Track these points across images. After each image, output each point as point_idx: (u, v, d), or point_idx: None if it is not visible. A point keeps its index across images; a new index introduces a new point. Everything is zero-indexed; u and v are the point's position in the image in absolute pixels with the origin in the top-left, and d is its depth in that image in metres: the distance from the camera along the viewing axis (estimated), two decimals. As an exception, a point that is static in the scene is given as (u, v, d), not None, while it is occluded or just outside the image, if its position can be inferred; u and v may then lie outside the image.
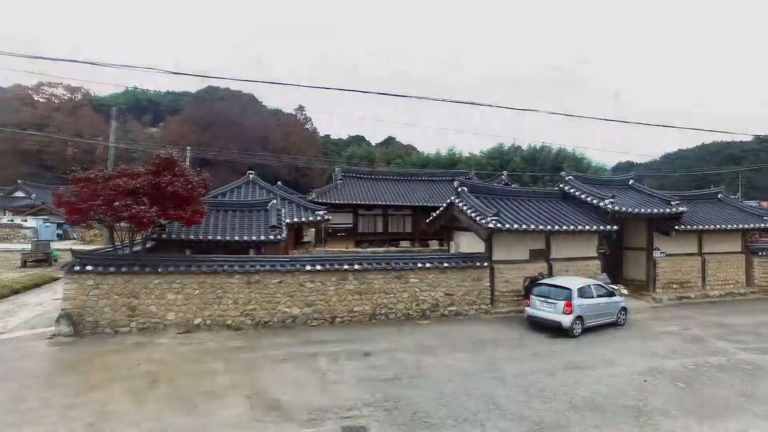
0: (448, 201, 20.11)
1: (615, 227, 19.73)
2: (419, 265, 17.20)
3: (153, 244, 17.29)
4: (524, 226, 17.98)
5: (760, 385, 11.12)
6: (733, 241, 23.94)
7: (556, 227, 18.59)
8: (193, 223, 15.74)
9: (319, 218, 20.74)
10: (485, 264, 18.13)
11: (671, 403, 9.88)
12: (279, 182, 33.21)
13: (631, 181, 24.41)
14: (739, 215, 24.11)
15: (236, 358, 12.34)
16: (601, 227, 19.44)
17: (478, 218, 17.74)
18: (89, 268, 14.30)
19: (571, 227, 18.80)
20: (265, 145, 65.13)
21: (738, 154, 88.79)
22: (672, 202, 21.14)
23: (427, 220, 22.51)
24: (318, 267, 16.15)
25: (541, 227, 18.33)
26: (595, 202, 20.25)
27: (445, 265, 17.56)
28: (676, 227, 21.17)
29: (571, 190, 21.68)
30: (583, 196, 20.98)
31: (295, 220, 20.22)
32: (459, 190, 19.71)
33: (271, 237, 17.21)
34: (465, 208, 18.64)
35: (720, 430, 8.79)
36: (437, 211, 21.37)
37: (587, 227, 19.13)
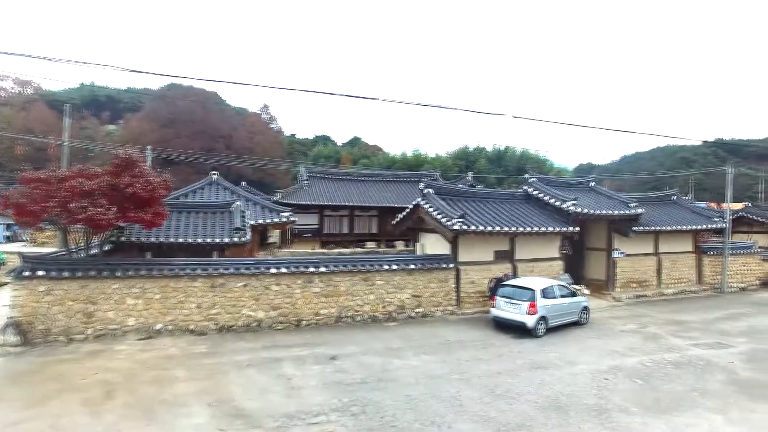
0: (414, 203, 20.20)
1: (577, 228, 20.28)
2: (385, 267, 17.20)
3: (111, 247, 16.63)
4: (489, 228, 18.25)
5: (711, 380, 11.66)
6: (685, 242, 25.06)
7: (521, 229, 18.95)
8: (154, 225, 15.23)
9: (284, 219, 20.41)
10: (451, 265, 18.30)
11: (630, 401, 10.21)
12: (243, 182, 32.76)
13: (592, 183, 25.16)
14: (690, 216, 25.27)
15: (199, 364, 12.01)
16: (564, 229, 19.93)
17: (443, 220, 17.89)
18: (40, 273, 13.60)
19: (535, 229, 19.20)
20: (230, 145, 63.89)
21: (690, 157, 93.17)
22: (630, 204, 21.92)
23: (394, 222, 22.53)
24: (283, 269, 15.92)
25: (505, 229, 18.64)
26: (557, 204, 20.74)
27: (411, 266, 17.62)
28: (634, 228, 21.97)
29: (535, 192, 22.15)
30: (546, 198, 21.46)
31: (260, 221, 19.82)
32: (425, 192, 19.82)
33: (236, 239, 16.86)
34: (431, 209, 18.76)
35: (675, 425, 9.13)
36: (403, 213, 21.42)
37: (550, 229, 19.58)
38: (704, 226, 24.86)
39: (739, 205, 33.97)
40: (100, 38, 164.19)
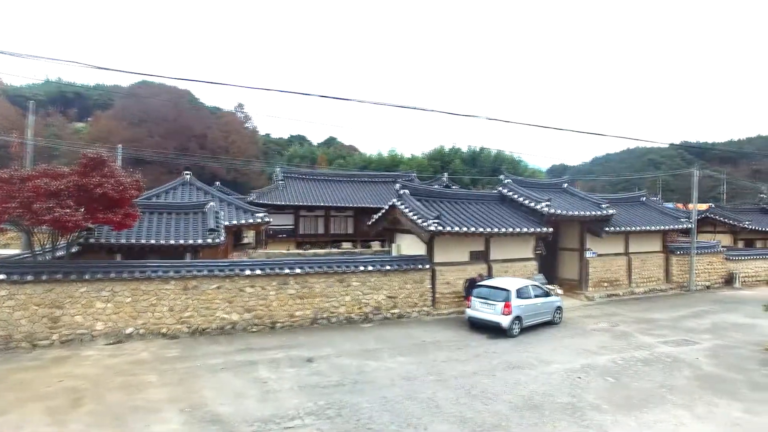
0: (390, 203, 20.18)
1: (550, 229, 20.59)
2: (361, 268, 17.14)
3: (79, 249, 16.11)
4: (465, 229, 18.38)
5: (678, 376, 12.02)
6: (654, 241, 25.78)
7: (496, 230, 19.13)
8: (124, 226, 14.82)
9: (259, 220, 20.14)
10: (427, 266, 18.35)
11: (602, 398, 10.42)
12: (217, 182, 32.23)
13: (565, 185, 25.62)
14: (659, 217, 26.00)
15: (171, 369, 11.73)
16: (538, 229, 20.21)
17: (419, 221, 17.92)
18: (1, 276, 13.06)
19: (510, 229, 19.41)
20: (204, 144, 62.76)
21: (657, 159, 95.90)
22: (602, 205, 22.40)
23: (369, 222, 22.51)
24: (258, 271, 15.71)
25: (481, 230, 18.80)
26: (532, 205, 21.04)
27: (387, 267, 17.60)
28: (606, 229, 22.45)
29: (509, 193, 22.42)
30: (520, 199, 21.75)
31: (234, 222, 19.52)
32: (401, 192, 19.83)
33: (209, 240, 16.56)
34: (406, 210, 18.78)
35: (644, 421, 9.36)
36: (379, 213, 21.40)
37: (525, 229, 19.83)
38: (672, 227, 25.63)
39: (704, 206, 35.15)
40: (66, 32, 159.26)
